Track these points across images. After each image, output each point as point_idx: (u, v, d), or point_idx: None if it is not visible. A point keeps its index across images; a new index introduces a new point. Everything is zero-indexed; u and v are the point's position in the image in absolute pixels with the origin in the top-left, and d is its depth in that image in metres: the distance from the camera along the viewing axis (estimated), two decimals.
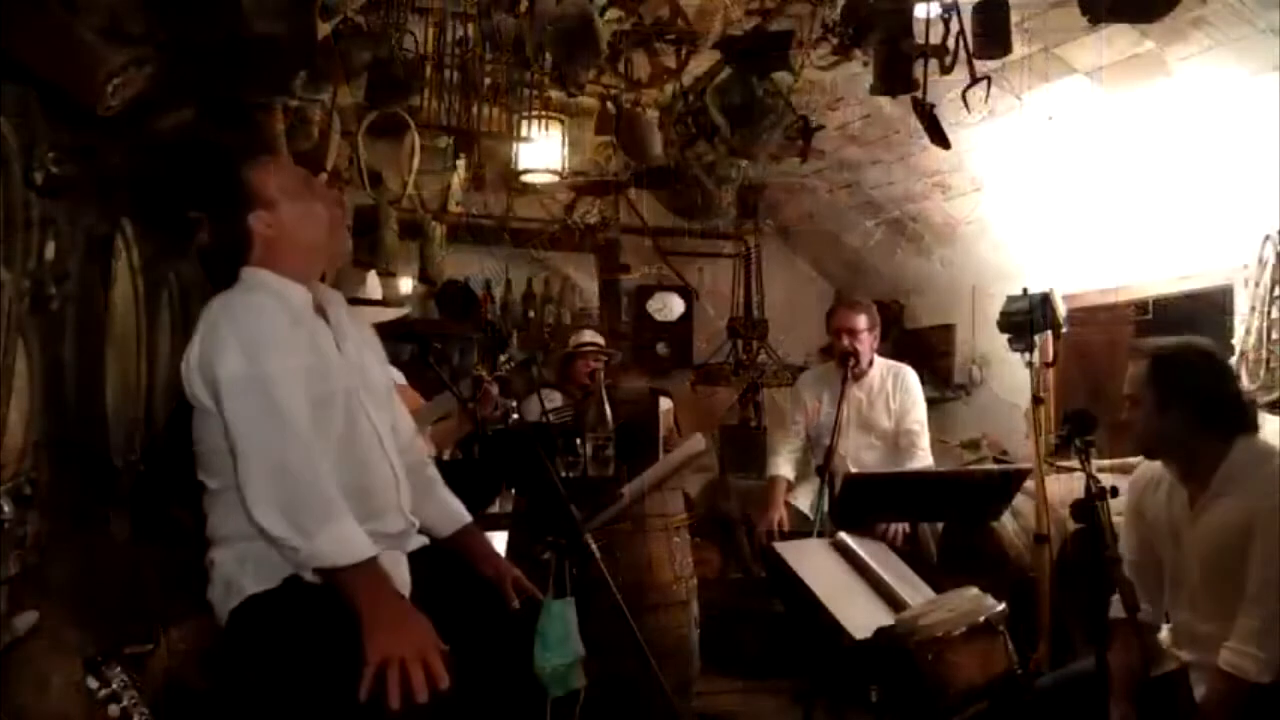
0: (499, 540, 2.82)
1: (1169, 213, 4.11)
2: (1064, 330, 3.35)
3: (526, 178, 4.34)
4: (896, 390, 4.01)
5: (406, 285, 4.99)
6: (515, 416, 2.37)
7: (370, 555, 1.74)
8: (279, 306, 1.89)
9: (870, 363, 4.00)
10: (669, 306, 5.94)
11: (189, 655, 2.11)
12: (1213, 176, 3.84)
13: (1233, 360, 3.59)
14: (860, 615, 2.58)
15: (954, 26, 2.62)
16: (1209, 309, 4.01)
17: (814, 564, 2.76)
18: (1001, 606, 2.48)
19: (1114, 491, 2.05)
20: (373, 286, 3.41)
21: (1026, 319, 3.27)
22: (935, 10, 2.67)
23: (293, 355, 1.83)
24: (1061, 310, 3.32)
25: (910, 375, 4.06)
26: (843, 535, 2.94)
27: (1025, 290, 3.33)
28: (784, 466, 4.08)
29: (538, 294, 5.65)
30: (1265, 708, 2.01)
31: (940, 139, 2.79)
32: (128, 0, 1.91)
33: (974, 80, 2.67)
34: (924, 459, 3.95)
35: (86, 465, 2.05)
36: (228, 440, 1.76)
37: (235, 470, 1.74)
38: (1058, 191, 4.45)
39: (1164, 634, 2.33)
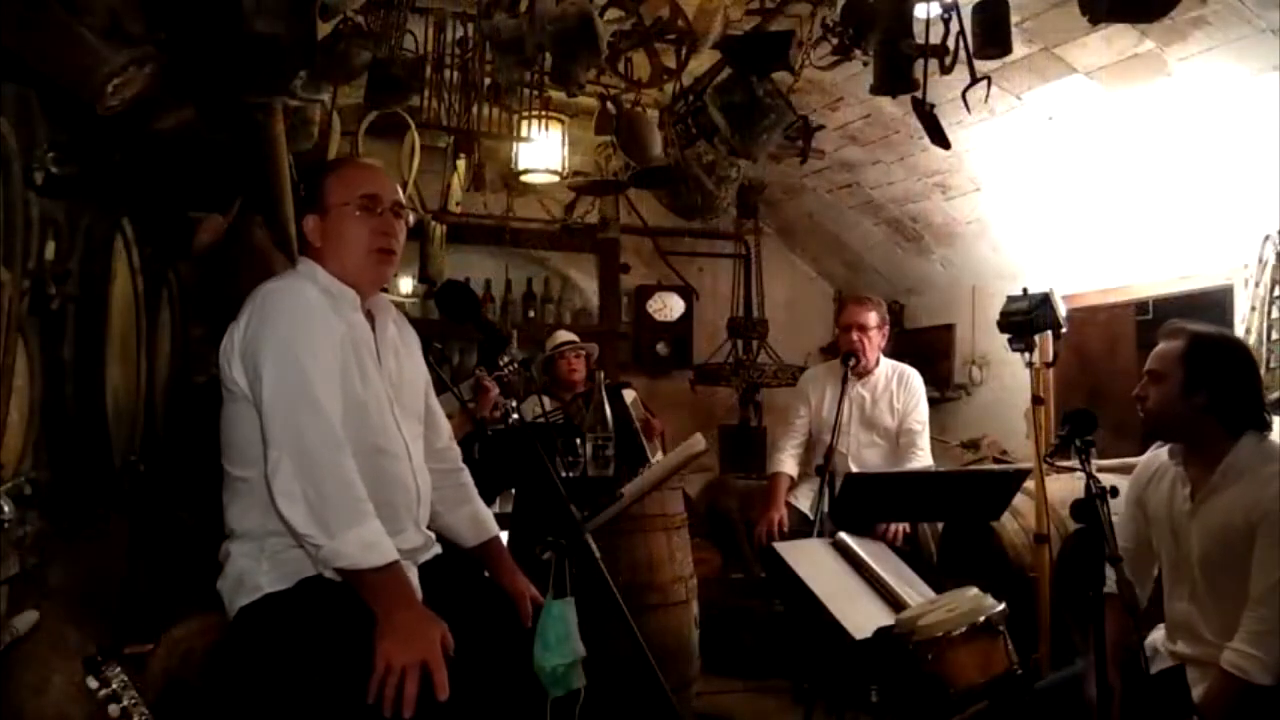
0: None
1: (1169, 212, 4.11)
2: (1064, 330, 3.34)
3: (526, 178, 4.34)
4: (900, 390, 4.03)
5: (406, 285, 5.01)
6: (515, 416, 2.37)
7: (392, 560, 1.75)
8: (327, 304, 1.90)
9: (876, 361, 4.01)
10: (669, 306, 5.94)
11: (189, 655, 2.11)
12: (1213, 176, 3.85)
13: None
14: (860, 615, 2.58)
15: (954, 26, 2.62)
16: (1209, 309, 4.01)
17: (814, 564, 2.76)
18: (1001, 606, 2.48)
19: (1114, 491, 2.06)
20: None
21: (1026, 319, 3.26)
22: (935, 10, 2.67)
23: (334, 355, 1.84)
24: (1061, 310, 3.32)
25: (914, 376, 4.08)
26: (843, 535, 2.95)
27: (1025, 290, 3.33)
28: (787, 463, 4.10)
29: (538, 294, 5.65)
30: (1263, 708, 2.02)
31: (940, 139, 2.79)
32: (128, 0, 1.91)
33: (974, 80, 2.68)
34: (923, 459, 3.96)
35: (86, 465, 2.04)
36: (261, 426, 1.75)
37: (265, 459, 1.73)
38: (1057, 191, 4.45)
39: (1159, 632, 2.33)
